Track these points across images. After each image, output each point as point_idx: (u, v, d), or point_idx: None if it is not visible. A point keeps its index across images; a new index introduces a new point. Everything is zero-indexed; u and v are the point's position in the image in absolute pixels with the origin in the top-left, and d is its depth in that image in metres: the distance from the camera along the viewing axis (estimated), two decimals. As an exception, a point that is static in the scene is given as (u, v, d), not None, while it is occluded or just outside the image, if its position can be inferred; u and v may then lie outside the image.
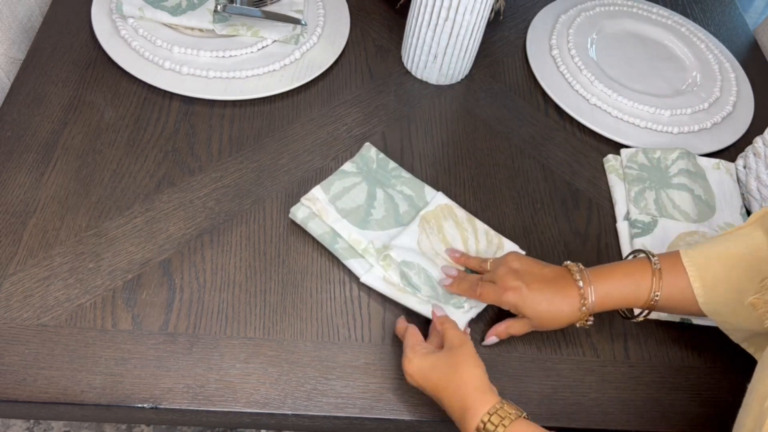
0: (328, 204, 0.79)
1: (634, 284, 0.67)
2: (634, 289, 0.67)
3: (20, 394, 0.64)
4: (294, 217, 0.78)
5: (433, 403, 0.68)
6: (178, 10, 0.96)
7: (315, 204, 0.79)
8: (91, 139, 0.83)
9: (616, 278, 0.68)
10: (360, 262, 0.76)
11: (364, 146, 0.86)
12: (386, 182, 0.83)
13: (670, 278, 0.66)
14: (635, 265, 0.68)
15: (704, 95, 1.03)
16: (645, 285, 0.67)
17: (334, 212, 0.78)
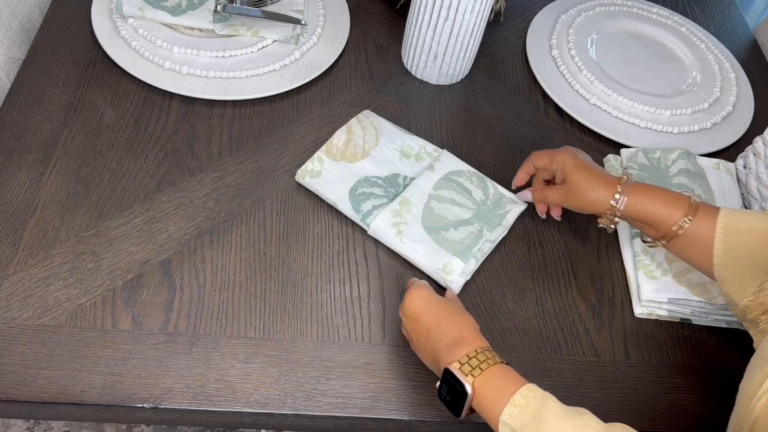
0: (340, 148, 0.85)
1: (666, 208, 0.69)
2: (664, 212, 0.69)
3: (20, 394, 0.64)
4: (302, 174, 0.82)
5: (432, 403, 0.68)
6: (178, 10, 0.96)
7: (332, 149, 0.84)
8: (91, 139, 0.83)
9: (653, 197, 0.70)
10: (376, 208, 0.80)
11: (364, 113, 0.89)
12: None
13: (700, 222, 0.68)
14: (675, 196, 0.70)
15: (704, 95, 1.03)
16: (677, 212, 0.68)
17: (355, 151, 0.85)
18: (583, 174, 0.73)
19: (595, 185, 0.72)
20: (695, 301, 0.77)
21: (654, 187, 0.72)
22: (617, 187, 0.71)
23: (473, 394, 0.57)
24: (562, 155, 0.76)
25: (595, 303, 0.79)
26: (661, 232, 0.70)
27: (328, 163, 0.83)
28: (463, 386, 0.58)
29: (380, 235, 0.79)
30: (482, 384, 0.57)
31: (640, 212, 0.71)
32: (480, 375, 0.58)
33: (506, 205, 0.82)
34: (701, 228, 0.68)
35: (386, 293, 0.76)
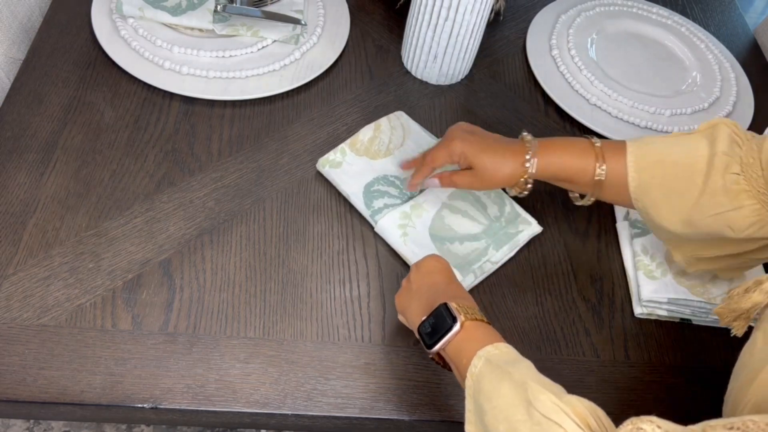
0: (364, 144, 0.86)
1: (577, 161, 0.70)
2: (578, 164, 0.70)
3: (20, 394, 0.64)
4: (323, 163, 0.83)
5: (432, 403, 0.68)
6: (178, 10, 0.96)
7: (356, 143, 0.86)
8: (91, 139, 0.83)
9: (562, 153, 0.71)
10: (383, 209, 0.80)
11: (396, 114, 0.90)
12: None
13: (612, 164, 0.69)
14: (580, 145, 0.71)
15: (704, 95, 1.03)
16: (588, 162, 0.70)
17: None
18: (487, 154, 0.71)
19: (502, 161, 0.71)
20: (695, 301, 0.77)
21: (557, 140, 0.72)
22: (525, 153, 0.71)
23: (461, 330, 0.58)
24: (457, 145, 0.72)
25: (595, 303, 0.79)
26: (583, 184, 0.71)
27: (351, 156, 0.84)
28: (454, 319, 0.58)
29: (386, 234, 0.79)
30: (472, 326, 0.58)
31: (554, 172, 0.71)
32: (473, 320, 0.59)
33: (519, 225, 0.81)
34: (615, 169, 0.69)
35: (386, 293, 0.76)
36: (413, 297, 0.65)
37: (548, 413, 0.47)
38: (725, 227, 0.65)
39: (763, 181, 0.62)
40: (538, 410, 0.48)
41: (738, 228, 0.64)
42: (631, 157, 0.69)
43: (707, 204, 0.65)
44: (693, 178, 0.66)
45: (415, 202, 0.81)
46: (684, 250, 0.73)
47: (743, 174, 0.63)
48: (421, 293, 0.64)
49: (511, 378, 0.51)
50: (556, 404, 0.48)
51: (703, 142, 0.66)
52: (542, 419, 0.47)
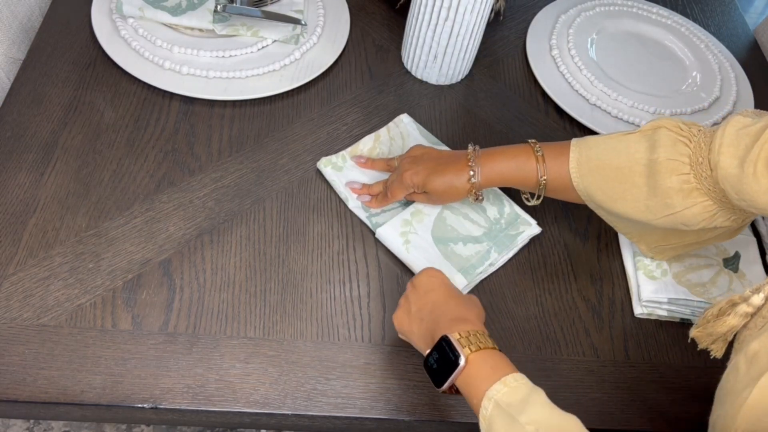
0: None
1: (519, 168, 0.73)
2: (520, 173, 0.73)
3: (20, 394, 0.64)
4: (325, 163, 0.84)
5: (432, 403, 0.68)
6: (178, 10, 0.96)
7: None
8: (91, 139, 0.83)
9: (503, 161, 0.74)
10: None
11: (400, 117, 0.91)
12: None
13: (555, 168, 0.72)
14: (522, 150, 0.73)
15: (704, 95, 1.03)
16: (530, 170, 0.72)
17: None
18: (435, 178, 0.75)
19: (450, 181, 0.75)
20: (695, 301, 0.77)
21: (499, 149, 0.75)
22: (467, 165, 0.74)
23: (465, 366, 0.56)
24: (408, 178, 0.77)
25: (595, 303, 0.79)
26: (530, 187, 0.74)
27: (350, 163, 0.85)
28: (457, 356, 0.57)
29: (387, 242, 0.78)
30: (476, 359, 0.57)
31: (500, 178, 0.74)
32: (476, 351, 0.57)
33: (520, 226, 0.81)
34: (558, 173, 0.72)
35: (386, 293, 0.76)
36: (413, 320, 0.64)
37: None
38: (679, 224, 0.67)
39: (711, 180, 0.64)
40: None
41: (691, 223, 0.67)
42: (573, 163, 0.71)
43: (658, 206, 0.67)
44: (635, 181, 0.68)
45: (415, 208, 0.81)
46: (647, 241, 0.76)
47: (693, 173, 0.65)
48: (421, 316, 0.63)
49: (520, 425, 0.51)
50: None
51: (643, 145, 0.68)
52: None
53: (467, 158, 0.75)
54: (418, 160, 0.77)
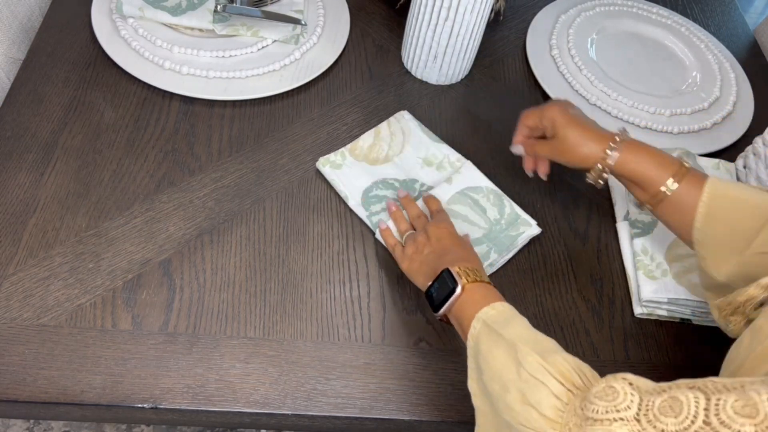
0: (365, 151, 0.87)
1: (655, 167, 0.69)
2: (653, 172, 0.69)
3: (20, 394, 0.64)
4: (324, 162, 0.84)
5: (432, 403, 0.68)
6: (178, 10, 0.96)
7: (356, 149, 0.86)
8: (91, 139, 0.83)
9: (644, 153, 0.70)
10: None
11: (399, 114, 0.91)
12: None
13: (688, 186, 0.67)
14: (667, 158, 0.70)
15: (704, 95, 1.03)
16: (665, 173, 0.68)
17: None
18: (575, 129, 0.72)
19: (586, 139, 0.72)
20: (695, 301, 0.77)
21: (647, 147, 0.71)
22: (610, 142, 0.71)
23: (462, 293, 0.62)
24: (551, 111, 0.74)
25: (595, 303, 0.79)
26: (648, 193, 0.70)
27: (350, 160, 0.85)
28: (455, 283, 0.63)
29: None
30: (472, 288, 0.63)
31: (631, 170, 0.70)
32: (473, 281, 0.63)
33: (520, 226, 0.81)
34: (688, 192, 0.67)
35: (386, 293, 0.76)
36: (423, 263, 0.70)
37: (534, 373, 0.51)
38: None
39: None
40: (526, 370, 0.52)
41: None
42: (709, 186, 0.67)
43: (762, 241, 0.62)
44: (758, 215, 0.63)
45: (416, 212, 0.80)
46: (721, 302, 0.69)
47: None
48: (430, 259, 0.70)
49: (503, 340, 0.55)
50: (542, 365, 0.51)
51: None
52: (529, 378, 0.51)
53: (613, 137, 0.71)
54: (570, 107, 0.75)
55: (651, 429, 0.40)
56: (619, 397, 0.44)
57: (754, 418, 0.36)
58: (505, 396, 0.52)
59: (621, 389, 0.44)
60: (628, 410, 0.42)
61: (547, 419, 0.49)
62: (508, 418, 0.52)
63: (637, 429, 0.41)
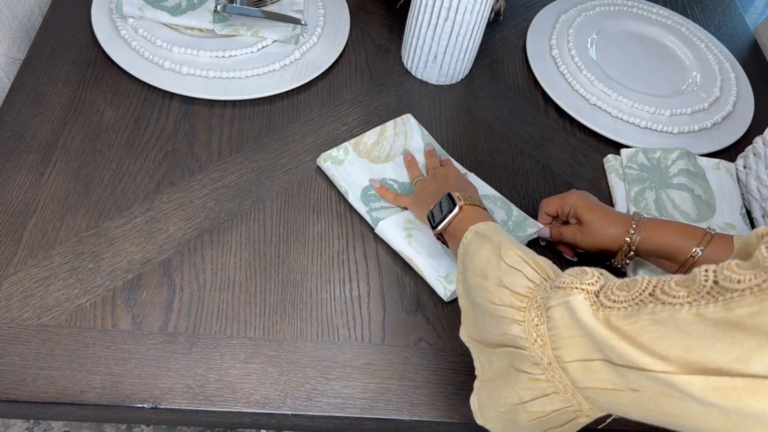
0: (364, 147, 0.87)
1: (680, 238, 0.71)
2: (679, 241, 0.71)
3: (20, 394, 0.64)
4: (325, 158, 0.84)
5: (432, 403, 0.68)
6: (178, 10, 0.96)
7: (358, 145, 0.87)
8: (91, 139, 0.83)
9: (667, 227, 0.73)
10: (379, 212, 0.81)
11: (404, 117, 0.91)
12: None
13: (716, 248, 0.69)
14: (691, 228, 0.72)
15: (704, 95, 1.03)
16: (692, 241, 0.70)
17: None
18: (596, 213, 0.75)
19: (609, 223, 0.74)
20: (695, 301, 0.77)
21: (668, 221, 0.74)
22: (631, 223, 0.73)
23: (460, 212, 0.68)
24: (570, 197, 0.78)
25: (595, 303, 0.79)
26: (677, 263, 0.71)
27: (352, 156, 0.85)
28: (454, 205, 0.68)
29: (387, 235, 0.78)
30: (468, 209, 0.68)
31: (657, 245, 0.72)
32: (470, 204, 0.69)
33: (528, 228, 0.81)
34: (716, 255, 0.69)
35: (386, 293, 0.76)
36: (426, 198, 0.75)
37: (513, 263, 0.55)
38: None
39: None
40: (505, 261, 0.56)
41: None
42: (738, 244, 0.67)
43: None
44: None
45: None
46: None
47: None
48: (433, 193, 0.75)
49: (490, 241, 0.59)
50: (521, 256, 0.55)
51: None
52: (507, 268, 0.55)
53: (632, 218, 0.74)
54: (587, 195, 0.78)
55: (605, 300, 0.45)
56: (587, 276, 0.48)
57: (689, 287, 0.40)
58: (483, 283, 0.56)
59: (591, 272, 0.48)
60: (591, 286, 0.47)
61: (517, 295, 0.53)
62: (482, 300, 0.56)
63: (593, 300, 0.46)
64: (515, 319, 0.52)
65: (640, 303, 0.42)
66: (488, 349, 0.57)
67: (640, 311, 0.42)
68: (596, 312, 0.45)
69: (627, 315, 0.43)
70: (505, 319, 0.53)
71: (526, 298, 0.52)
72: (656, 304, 0.41)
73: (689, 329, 0.39)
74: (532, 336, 0.50)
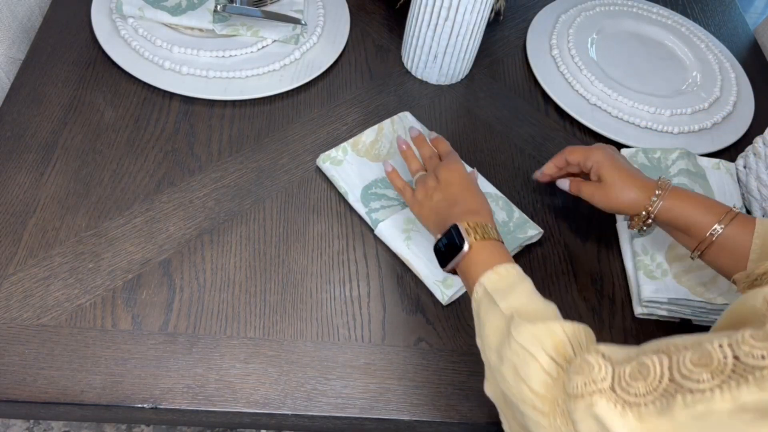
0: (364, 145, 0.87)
1: (701, 212, 0.68)
2: (699, 215, 0.68)
3: (20, 394, 0.64)
4: (324, 159, 0.84)
5: (432, 403, 0.68)
6: (178, 10, 0.96)
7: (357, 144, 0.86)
8: (91, 139, 0.83)
9: (690, 198, 0.70)
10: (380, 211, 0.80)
11: (401, 114, 0.90)
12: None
13: (736, 228, 0.66)
14: (714, 203, 0.69)
15: (704, 95, 1.03)
16: (712, 217, 0.67)
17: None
18: (620, 173, 0.72)
19: (631, 185, 0.71)
20: (695, 301, 0.77)
21: (693, 194, 0.71)
22: (655, 189, 0.70)
23: (468, 252, 0.62)
24: (597, 153, 0.75)
25: (595, 303, 0.79)
26: (696, 239, 0.69)
27: (351, 156, 0.85)
28: (462, 241, 0.63)
29: (386, 237, 0.78)
30: (478, 247, 0.63)
31: (676, 216, 0.69)
32: (480, 240, 0.63)
33: (528, 230, 0.81)
34: (736, 235, 0.66)
35: (386, 293, 0.76)
36: (433, 210, 0.71)
37: (526, 344, 0.52)
38: None
39: None
40: (518, 342, 0.52)
41: None
42: (760, 228, 0.66)
43: None
44: None
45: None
46: (740, 275, 0.68)
47: None
48: (440, 206, 0.70)
49: (500, 311, 0.56)
50: (534, 335, 0.52)
51: None
52: (520, 350, 0.52)
53: (658, 183, 0.71)
54: (616, 152, 0.75)
55: (625, 395, 0.43)
56: (594, 370, 0.46)
57: (709, 366, 0.38)
58: (500, 367, 0.54)
59: (595, 362, 0.46)
60: (603, 381, 0.45)
61: (537, 395, 0.50)
62: (504, 389, 0.54)
63: (614, 398, 0.43)
64: (539, 422, 0.50)
65: (665, 394, 0.40)
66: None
67: (671, 406, 0.40)
68: (624, 413, 0.42)
69: (659, 411, 0.40)
70: (529, 417, 0.51)
71: (546, 399, 0.50)
72: (684, 394, 0.39)
73: (734, 423, 0.37)
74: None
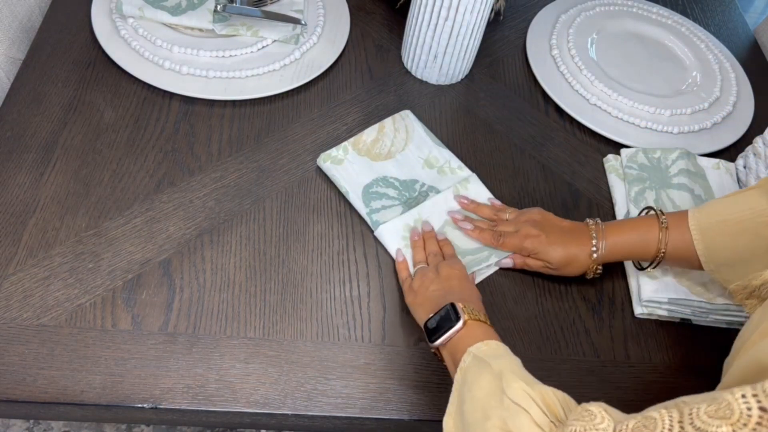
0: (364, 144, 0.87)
1: (642, 239, 0.72)
2: (642, 244, 0.72)
3: (20, 394, 0.64)
4: (324, 158, 0.84)
5: (432, 403, 0.68)
6: (178, 10, 0.96)
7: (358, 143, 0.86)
8: (91, 139, 0.83)
9: (626, 233, 0.73)
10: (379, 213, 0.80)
11: (403, 113, 0.90)
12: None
13: (677, 235, 0.71)
14: (645, 222, 0.73)
15: (704, 95, 1.03)
16: (652, 240, 0.71)
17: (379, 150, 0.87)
18: (556, 249, 0.74)
19: (572, 254, 0.74)
20: (695, 301, 0.77)
21: (622, 222, 0.75)
22: (591, 240, 0.74)
23: (462, 327, 0.62)
24: (528, 244, 0.75)
25: (595, 303, 0.79)
26: (649, 258, 0.73)
27: (352, 155, 0.85)
28: (458, 317, 0.62)
29: (386, 241, 0.78)
30: (473, 325, 0.62)
31: (621, 251, 0.74)
32: (475, 320, 0.63)
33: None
34: (679, 238, 0.70)
35: (386, 293, 0.76)
36: (427, 298, 0.69)
37: (518, 399, 0.50)
38: None
39: None
40: (509, 397, 0.51)
41: None
42: (693, 222, 0.70)
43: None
44: (759, 230, 0.65)
45: (419, 215, 0.80)
46: (737, 286, 0.70)
47: None
48: (433, 298, 0.68)
49: (491, 369, 0.55)
50: (526, 392, 0.51)
51: (764, 198, 0.66)
52: (511, 405, 0.50)
53: (590, 231, 0.74)
54: (539, 226, 0.76)
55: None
56: (596, 418, 0.45)
57: (729, 418, 0.35)
58: (484, 423, 0.51)
59: (597, 412, 0.45)
60: (605, 430, 0.43)
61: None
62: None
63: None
64: None
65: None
66: None
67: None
68: None
69: None
70: None
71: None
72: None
73: None
74: None
